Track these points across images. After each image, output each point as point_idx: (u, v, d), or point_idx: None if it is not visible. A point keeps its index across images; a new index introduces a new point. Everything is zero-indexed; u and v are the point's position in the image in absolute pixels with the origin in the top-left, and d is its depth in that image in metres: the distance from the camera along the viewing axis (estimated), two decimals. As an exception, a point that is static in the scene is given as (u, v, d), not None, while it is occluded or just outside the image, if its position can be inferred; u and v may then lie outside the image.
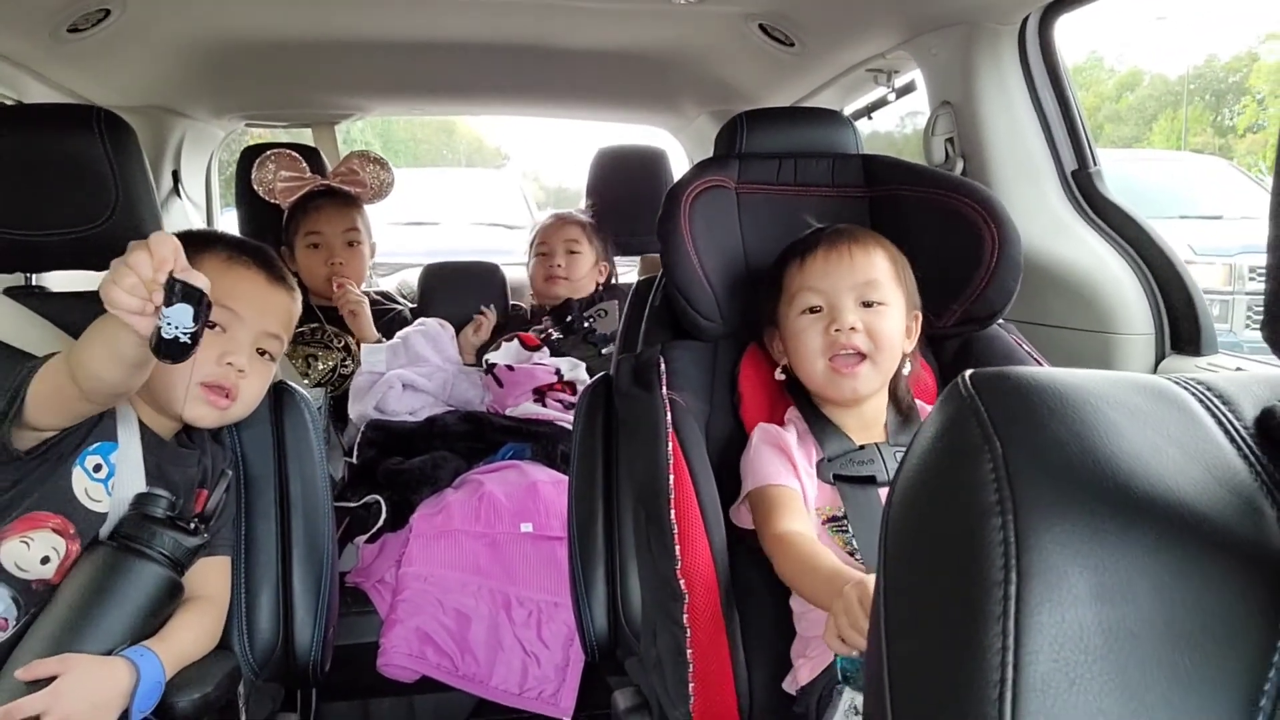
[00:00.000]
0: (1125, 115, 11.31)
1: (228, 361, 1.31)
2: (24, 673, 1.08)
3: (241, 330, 1.33)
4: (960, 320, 1.47)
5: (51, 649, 1.12)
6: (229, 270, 1.35)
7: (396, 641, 1.82)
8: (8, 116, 1.69)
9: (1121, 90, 10.64)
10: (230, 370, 1.31)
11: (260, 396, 1.39)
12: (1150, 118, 12.50)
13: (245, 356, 1.33)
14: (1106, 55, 8.40)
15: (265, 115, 3.25)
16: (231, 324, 1.33)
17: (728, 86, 2.66)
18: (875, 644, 0.53)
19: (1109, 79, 10.76)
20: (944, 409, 0.54)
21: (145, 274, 1.00)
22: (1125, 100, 11.27)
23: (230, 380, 1.31)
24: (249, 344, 1.34)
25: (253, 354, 1.35)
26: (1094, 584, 0.45)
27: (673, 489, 1.27)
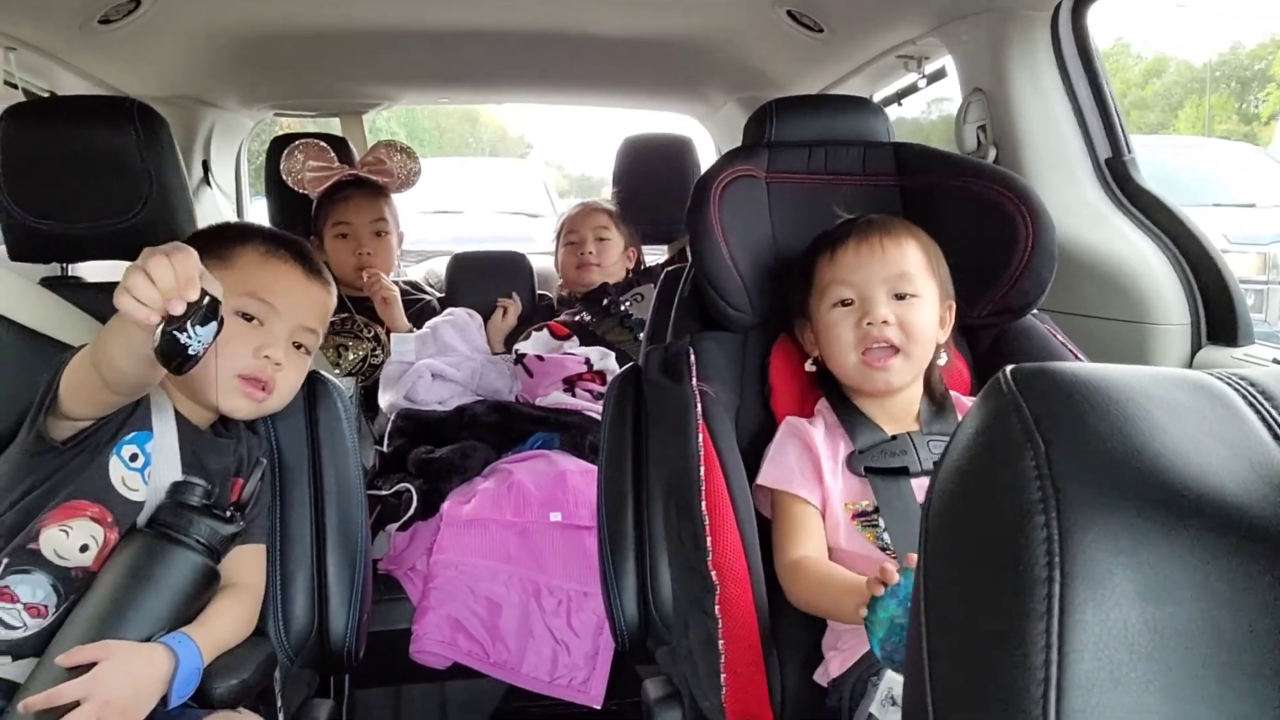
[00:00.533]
0: (1151, 102, 11.14)
1: (264, 355, 1.32)
2: (65, 659, 1.10)
3: (278, 324, 1.34)
4: (994, 311, 1.46)
5: (91, 635, 1.13)
6: (266, 264, 1.36)
7: (428, 628, 1.83)
8: (43, 108, 1.70)
9: (1148, 77, 10.48)
10: (267, 364, 1.32)
11: (295, 389, 1.40)
12: (1176, 105, 12.32)
13: (281, 350, 1.34)
14: (1133, 42, 8.32)
15: (294, 105, 3.26)
16: (268, 317, 1.34)
17: (755, 73, 2.65)
18: (915, 639, 0.53)
19: (1135, 65, 10.61)
20: (985, 405, 0.54)
21: (166, 283, 1.00)
22: (1151, 87, 11.11)
23: (266, 373, 1.32)
24: (285, 337, 1.35)
25: (289, 347, 1.36)
26: (1138, 583, 0.45)
27: (704, 481, 1.27)
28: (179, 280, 1.00)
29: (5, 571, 1.19)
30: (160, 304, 1.00)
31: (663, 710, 1.43)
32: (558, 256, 2.76)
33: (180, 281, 1.00)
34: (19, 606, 1.18)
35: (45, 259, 1.58)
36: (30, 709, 1.07)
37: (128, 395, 1.21)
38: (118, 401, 1.22)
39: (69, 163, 1.48)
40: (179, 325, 1.01)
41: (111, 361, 1.13)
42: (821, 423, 1.39)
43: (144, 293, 1.00)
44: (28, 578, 1.19)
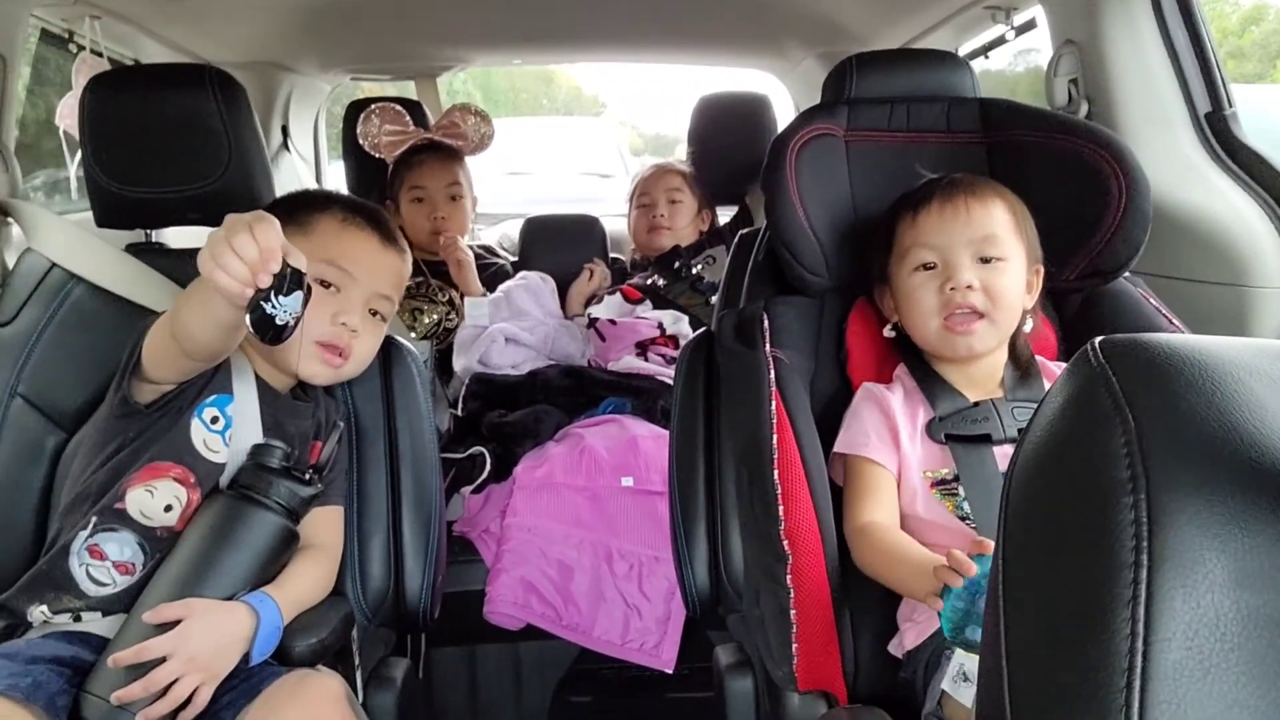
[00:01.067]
0: (1249, 51, 10.53)
1: (341, 321, 1.34)
2: (151, 615, 1.14)
3: (355, 290, 1.36)
4: (1084, 274, 1.40)
5: (175, 593, 1.17)
6: (344, 232, 1.37)
7: (502, 590, 1.86)
8: (123, 77, 1.74)
9: (1245, 25, 9.89)
10: (344, 330, 1.34)
11: (371, 355, 1.42)
12: (1275, 54, 11.65)
13: (358, 316, 1.36)
14: None
15: (369, 69, 3.29)
16: (345, 284, 1.35)
17: (835, 26, 2.57)
18: (993, 622, 0.51)
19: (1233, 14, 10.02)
20: (1072, 378, 0.51)
21: (250, 255, 1.00)
22: (1249, 35, 10.50)
23: (344, 340, 1.34)
24: (361, 304, 1.37)
25: (365, 314, 1.37)
26: (1234, 569, 0.42)
27: (776, 449, 1.25)
28: (261, 252, 1.01)
29: (94, 530, 1.23)
30: (249, 278, 1.01)
31: (734, 678, 1.43)
32: (630, 219, 2.75)
33: (263, 253, 1.01)
34: (108, 564, 1.22)
35: (130, 225, 1.62)
36: (119, 664, 1.11)
37: (206, 362, 1.24)
38: (197, 367, 1.24)
39: (150, 130, 1.51)
40: (264, 296, 1.02)
41: (188, 330, 1.15)
42: (900, 389, 1.36)
43: (233, 267, 1.01)
44: (115, 535, 1.23)
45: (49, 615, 1.21)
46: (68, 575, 1.22)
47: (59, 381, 1.47)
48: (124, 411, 1.27)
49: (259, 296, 1.02)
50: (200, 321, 1.13)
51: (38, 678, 1.08)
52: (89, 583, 1.22)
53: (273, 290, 1.02)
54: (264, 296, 1.02)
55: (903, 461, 1.29)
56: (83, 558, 1.22)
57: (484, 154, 2.75)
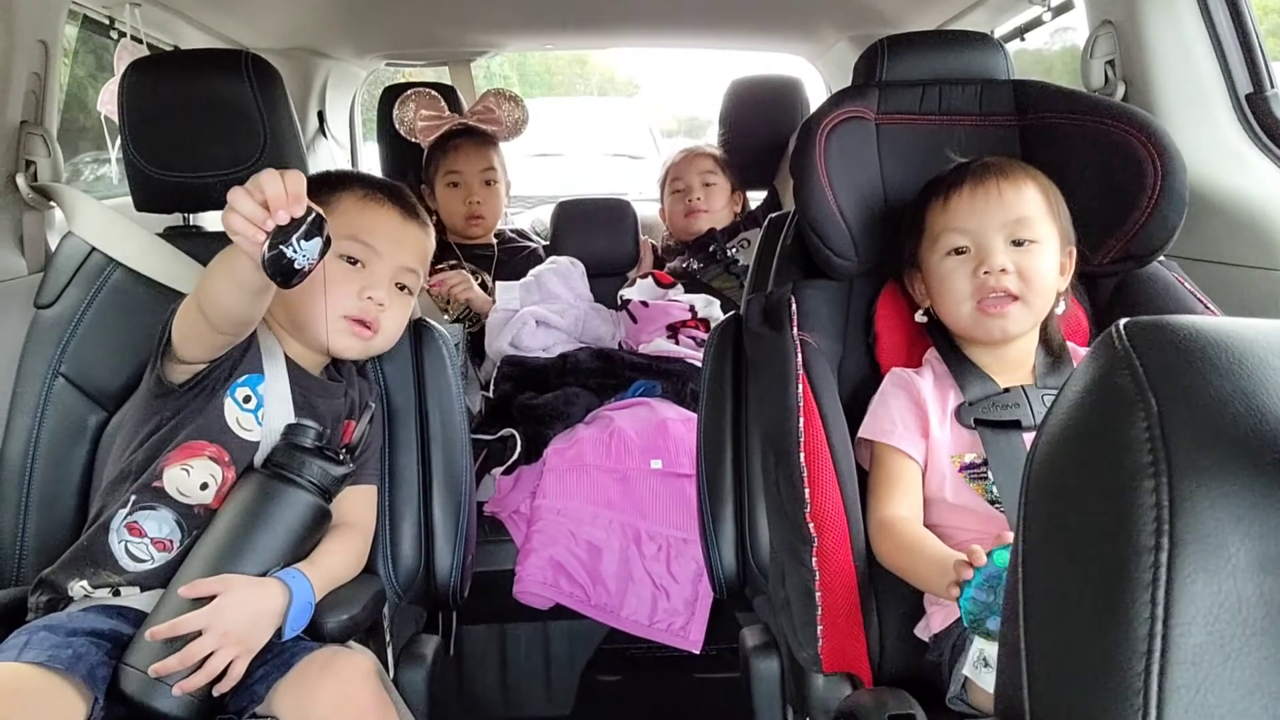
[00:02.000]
0: None
1: (368, 296, 1.35)
2: (187, 590, 1.17)
3: (380, 265, 1.37)
4: (1118, 257, 1.38)
5: (211, 569, 1.20)
6: (365, 208, 1.38)
7: (531, 570, 1.88)
8: (161, 63, 1.76)
9: None
10: (370, 304, 1.35)
11: (400, 329, 1.44)
12: None
13: (384, 291, 1.37)
14: None
15: (404, 54, 3.31)
16: (370, 259, 1.37)
17: (868, 9, 2.55)
18: (1012, 605, 0.51)
19: None
20: (1095, 360, 0.51)
21: (275, 192, 1.02)
22: None
23: (371, 314, 1.36)
24: (387, 278, 1.38)
25: (391, 288, 1.39)
26: (1257, 553, 0.42)
27: (802, 432, 1.25)
28: (287, 193, 1.03)
29: (133, 508, 1.26)
30: (262, 217, 1.02)
31: (760, 659, 1.43)
32: (664, 205, 2.74)
33: (289, 194, 1.03)
34: (146, 540, 1.25)
35: (168, 209, 1.64)
36: (156, 637, 1.14)
37: (233, 333, 1.25)
38: (225, 342, 1.26)
39: (187, 115, 1.53)
40: (284, 239, 1.03)
41: (214, 298, 1.17)
42: (930, 373, 1.35)
43: (247, 207, 1.02)
44: (154, 514, 1.26)
45: (89, 590, 1.24)
46: (107, 552, 1.25)
47: (100, 362, 1.51)
48: (159, 391, 1.30)
49: (277, 238, 1.03)
50: (224, 286, 1.15)
51: (78, 650, 1.12)
52: (128, 559, 1.25)
53: (293, 234, 1.03)
54: (283, 240, 1.03)
55: (931, 447, 1.29)
56: (122, 535, 1.25)
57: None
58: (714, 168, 2.66)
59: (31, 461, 1.47)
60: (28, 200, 1.67)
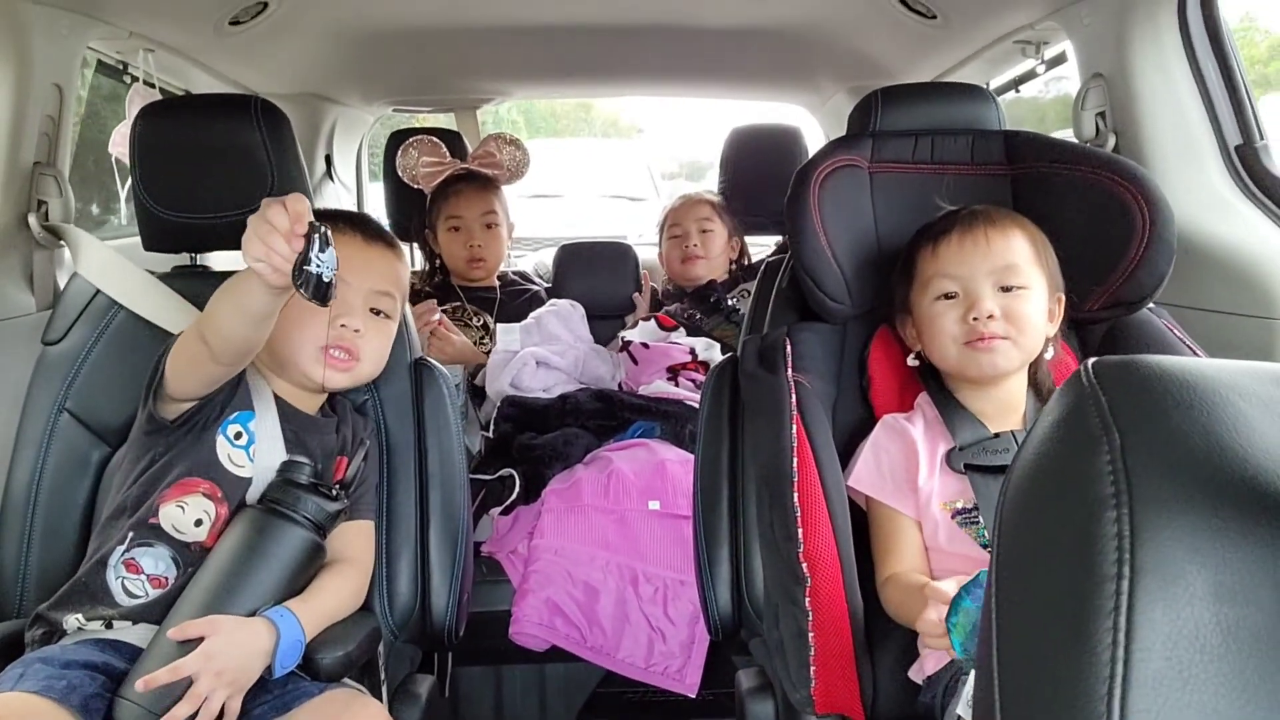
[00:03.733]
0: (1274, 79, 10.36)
1: (341, 324, 1.37)
2: (176, 633, 1.17)
3: (349, 293, 1.38)
4: (1107, 304, 1.41)
5: (206, 605, 1.21)
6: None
7: (528, 611, 1.88)
8: (172, 107, 1.81)
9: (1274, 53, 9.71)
10: (345, 331, 1.38)
11: (384, 354, 1.46)
12: None
13: (359, 317, 1.40)
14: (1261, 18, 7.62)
15: (411, 100, 3.37)
16: (340, 288, 1.37)
17: (866, 61, 2.60)
18: (986, 632, 0.53)
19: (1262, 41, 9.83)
20: (1064, 397, 0.52)
21: (283, 224, 1.06)
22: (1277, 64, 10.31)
23: (347, 340, 1.38)
24: (360, 304, 1.41)
25: (366, 314, 1.41)
26: (1213, 582, 0.44)
27: (796, 471, 1.27)
28: (292, 216, 1.06)
29: (131, 544, 1.28)
30: (289, 252, 1.06)
31: (755, 701, 1.43)
32: (662, 250, 2.77)
33: (293, 216, 1.07)
34: (143, 577, 1.27)
35: (176, 249, 1.67)
36: (152, 685, 1.13)
37: (233, 363, 1.27)
38: (223, 374, 1.29)
39: (197, 158, 1.56)
40: (304, 260, 1.07)
41: (220, 327, 1.20)
42: (921, 418, 1.37)
43: (278, 244, 1.06)
44: (151, 550, 1.28)
45: (83, 623, 1.25)
46: (104, 587, 1.26)
47: (103, 398, 1.53)
48: (152, 428, 1.32)
49: (300, 261, 1.07)
50: (233, 314, 1.18)
51: (73, 681, 1.12)
52: (123, 595, 1.26)
53: (309, 251, 1.08)
54: (304, 260, 1.07)
55: (922, 498, 1.30)
56: (119, 571, 1.27)
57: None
58: (711, 214, 2.69)
59: (35, 495, 1.49)
60: (38, 239, 1.70)
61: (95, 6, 1.79)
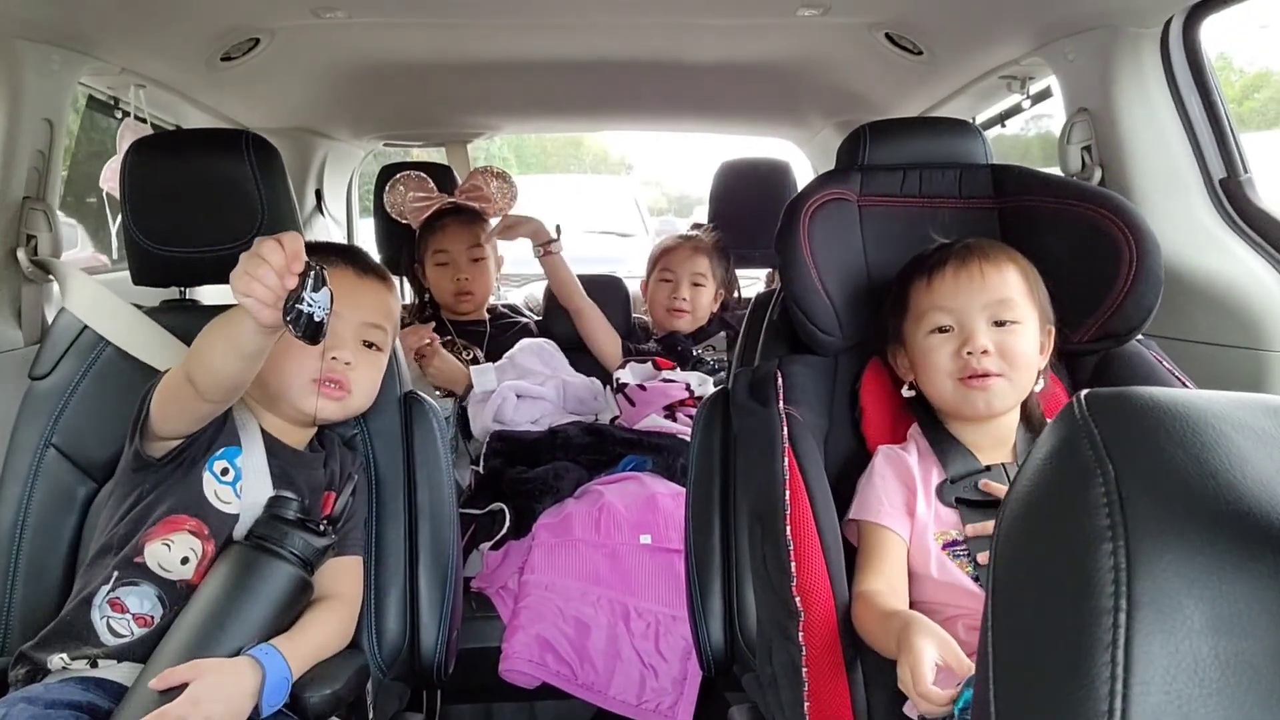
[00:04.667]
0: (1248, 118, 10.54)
1: (332, 356, 1.38)
2: (157, 683, 1.15)
3: (340, 325, 1.38)
4: (1096, 336, 1.42)
5: (192, 642, 1.19)
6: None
7: (518, 647, 1.86)
8: (163, 142, 1.81)
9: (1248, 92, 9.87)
10: (336, 364, 1.38)
11: (374, 386, 1.46)
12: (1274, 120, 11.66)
13: (350, 350, 1.40)
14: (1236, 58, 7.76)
15: (402, 135, 3.38)
16: (331, 321, 1.37)
17: (854, 97, 2.63)
18: (983, 667, 0.52)
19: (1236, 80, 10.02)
20: (1057, 429, 0.52)
21: (277, 261, 1.05)
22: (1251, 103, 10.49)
23: (338, 373, 1.38)
24: (351, 337, 1.41)
25: (358, 346, 1.42)
26: (1210, 615, 0.43)
27: (788, 505, 1.26)
28: (287, 254, 1.06)
29: (116, 583, 1.26)
30: (279, 286, 1.06)
31: (747, 737, 1.42)
32: (648, 286, 2.69)
33: (289, 254, 1.06)
34: (129, 616, 1.25)
35: (165, 283, 1.67)
36: None
37: (221, 400, 1.27)
38: (209, 411, 1.28)
39: (188, 192, 1.56)
40: (297, 298, 1.07)
41: (208, 364, 1.19)
42: (914, 449, 1.37)
43: (272, 280, 1.06)
44: (136, 589, 1.26)
45: (67, 662, 1.23)
46: (89, 626, 1.25)
47: (90, 433, 1.52)
48: (138, 465, 1.32)
49: (293, 299, 1.07)
50: (221, 352, 1.17)
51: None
52: (108, 634, 1.25)
53: (303, 290, 1.07)
54: (297, 299, 1.07)
55: (915, 525, 1.30)
56: (104, 610, 1.25)
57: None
58: (706, 270, 2.59)
59: (21, 531, 1.47)
60: (27, 274, 1.70)
61: (87, 43, 1.80)
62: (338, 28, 2.03)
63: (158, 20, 1.86)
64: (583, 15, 2.05)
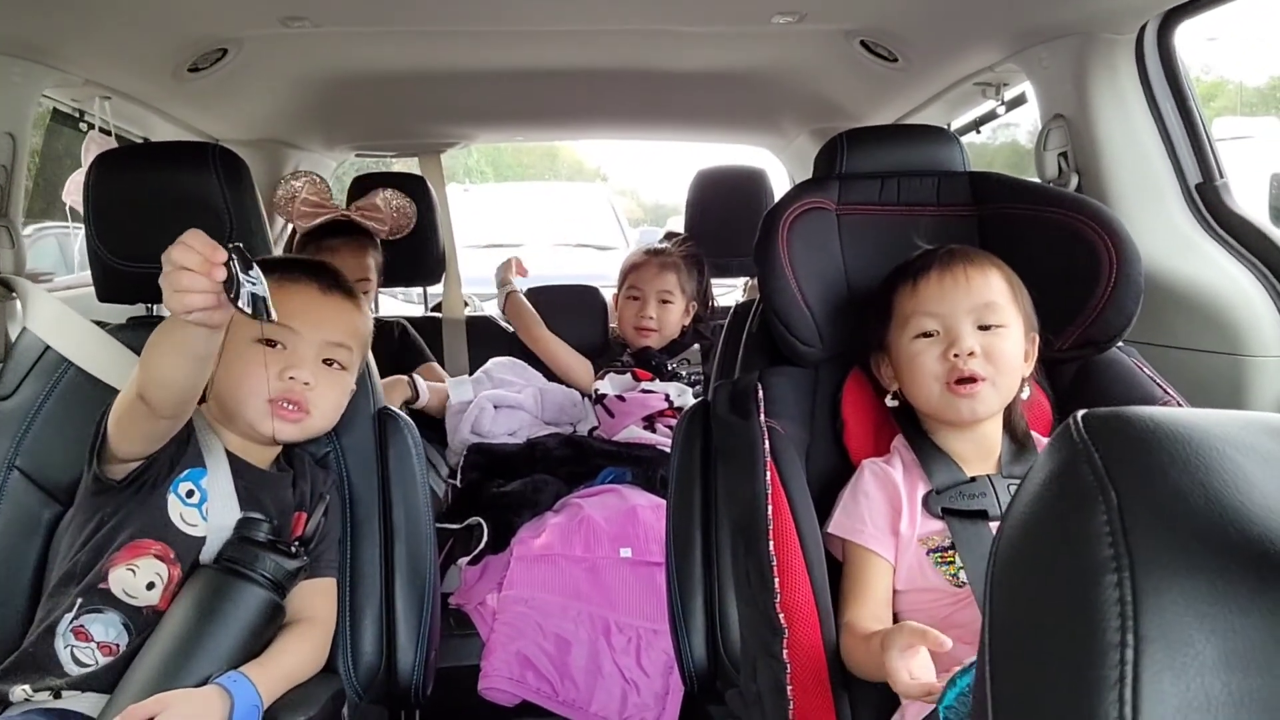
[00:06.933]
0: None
1: (290, 376, 1.33)
2: (123, 718, 1.10)
3: (301, 344, 1.35)
4: (1077, 343, 1.41)
5: (161, 669, 1.15)
6: (281, 288, 1.33)
7: (497, 665, 1.83)
8: (128, 155, 1.77)
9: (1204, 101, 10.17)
10: (294, 384, 1.33)
11: (338, 406, 1.41)
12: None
13: (308, 370, 1.35)
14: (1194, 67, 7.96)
15: (374, 146, 3.35)
16: (290, 339, 1.34)
17: (829, 104, 2.62)
18: (980, 705, 0.50)
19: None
20: (1055, 452, 0.50)
21: (196, 260, 1.03)
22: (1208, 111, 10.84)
23: (296, 394, 1.34)
24: (312, 357, 1.36)
25: (318, 365, 1.37)
26: (1222, 650, 0.41)
27: (771, 520, 1.24)
28: (204, 252, 1.04)
29: (80, 611, 1.22)
30: (214, 285, 1.04)
31: (732, 755, 1.40)
32: (618, 302, 2.64)
33: (206, 251, 1.04)
34: (93, 645, 1.22)
35: (131, 300, 1.63)
36: None
37: (174, 414, 1.23)
38: (166, 429, 1.24)
39: (153, 206, 1.53)
40: (235, 283, 1.05)
41: (159, 377, 1.16)
42: (899, 460, 1.35)
43: (201, 283, 1.03)
44: (101, 617, 1.23)
45: (29, 694, 1.20)
46: (52, 656, 1.21)
47: (56, 455, 1.47)
48: (99, 489, 1.28)
49: (232, 288, 1.05)
50: (172, 360, 1.14)
51: (19, 755, 1.07)
52: (72, 664, 1.21)
53: (235, 274, 1.06)
54: (235, 284, 1.05)
55: (900, 542, 1.28)
56: (68, 640, 1.22)
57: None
58: (674, 287, 2.53)
59: None
60: (-12, 291, 1.66)
61: (50, 54, 1.76)
62: (306, 38, 1.99)
63: (122, 31, 1.83)
64: (556, 23, 2.03)
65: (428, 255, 2.88)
